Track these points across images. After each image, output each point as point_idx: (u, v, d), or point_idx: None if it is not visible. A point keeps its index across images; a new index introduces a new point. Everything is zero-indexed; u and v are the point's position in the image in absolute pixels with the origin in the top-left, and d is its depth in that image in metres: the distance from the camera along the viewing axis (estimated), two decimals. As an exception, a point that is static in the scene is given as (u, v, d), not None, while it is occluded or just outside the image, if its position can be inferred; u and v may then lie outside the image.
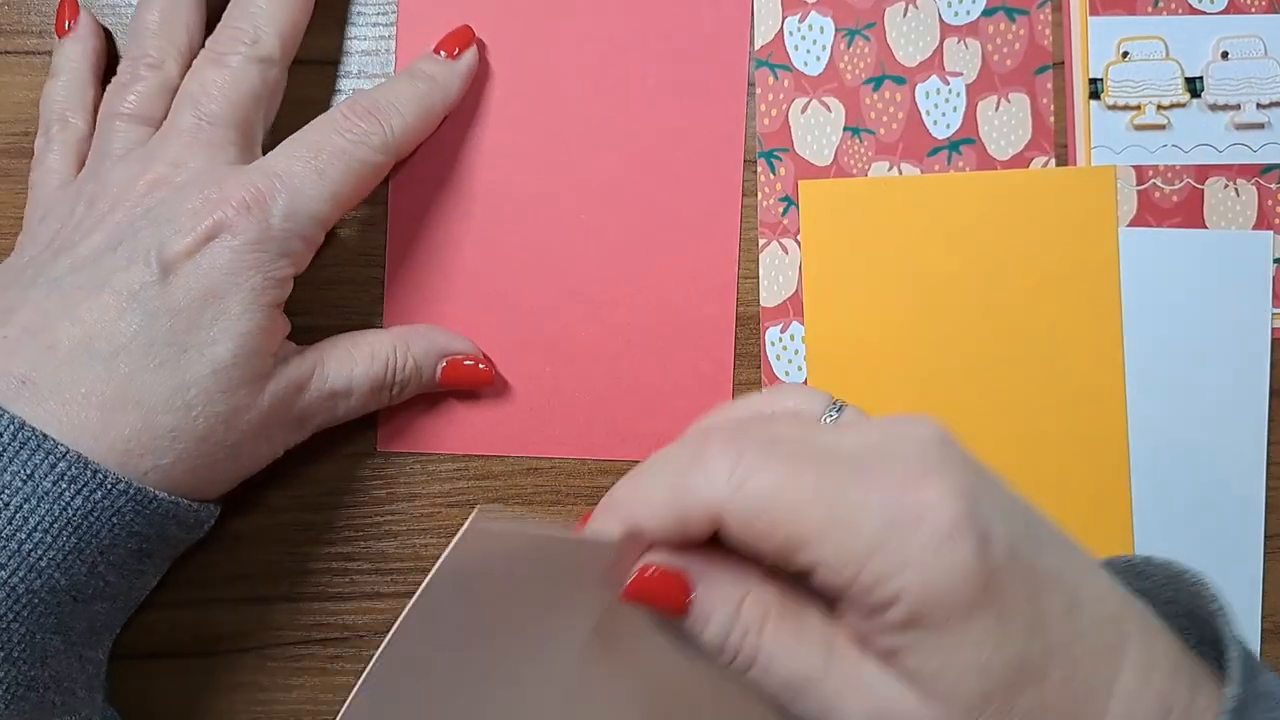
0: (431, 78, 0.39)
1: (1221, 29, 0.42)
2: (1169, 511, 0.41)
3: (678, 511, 0.27)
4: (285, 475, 0.42)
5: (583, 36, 0.42)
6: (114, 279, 0.33)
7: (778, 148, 0.42)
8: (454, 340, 0.41)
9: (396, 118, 0.37)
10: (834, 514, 0.26)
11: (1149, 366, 0.41)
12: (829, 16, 0.42)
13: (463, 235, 0.42)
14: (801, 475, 0.26)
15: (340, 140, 0.36)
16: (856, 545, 0.26)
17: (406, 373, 0.39)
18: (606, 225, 0.42)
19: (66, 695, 0.33)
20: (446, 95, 0.40)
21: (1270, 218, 0.42)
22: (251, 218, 0.33)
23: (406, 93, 0.38)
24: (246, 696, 0.42)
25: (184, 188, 0.34)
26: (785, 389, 0.36)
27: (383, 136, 0.37)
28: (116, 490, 0.31)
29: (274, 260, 0.34)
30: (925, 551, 0.26)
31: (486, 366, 0.41)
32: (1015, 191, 0.42)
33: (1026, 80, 0.42)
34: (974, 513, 0.26)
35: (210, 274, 0.33)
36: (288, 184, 0.35)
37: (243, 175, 0.34)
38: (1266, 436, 0.41)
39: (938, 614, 0.26)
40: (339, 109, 0.37)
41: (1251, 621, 0.41)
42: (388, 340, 0.39)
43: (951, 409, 0.41)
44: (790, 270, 0.42)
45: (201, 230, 0.33)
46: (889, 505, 0.26)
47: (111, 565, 0.32)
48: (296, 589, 0.42)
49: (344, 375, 0.37)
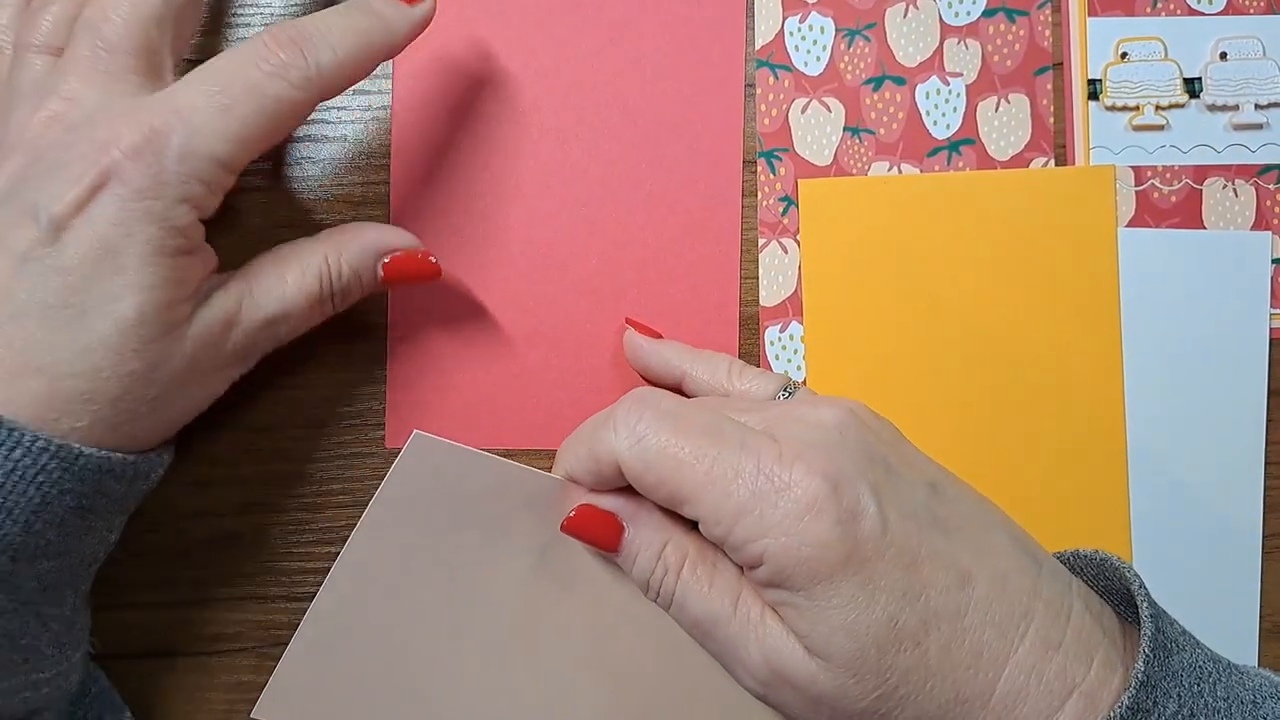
0: (378, 15, 0.35)
1: (1220, 30, 0.42)
2: (1167, 511, 0.41)
3: (593, 461, 0.33)
4: (285, 475, 0.42)
5: (581, 36, 0.42)
6: (5, 239, 0.31)
7: (778, 147, 0.42)
8: (388, 234, 0.38)
9: (326, 51, 0.33)
10: (710, 477, 0.31)
11: (1147, 366, 0.41)
12: (829, 17, 0.42)
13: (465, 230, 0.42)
14: (688, 440, 0.32)
15: (255, 72, 0.32)
16: (727, 506, 0.31)
17: (344, 280, 0.36)
18: (609, 223, 0.42)
19: (30, 653, 0.32)
20: (390, 38, 0.35)
21: (1268, 218, 0.42)
22: (142, 163, 0.31)
23: (342, 25, 0.34)
24: (246, 696, 0.42)
25: (76, 128, 0.32)
26: (748, 371, 0.39)
27: (304, 71, 0.33)
28: (37, 448, 0.30)
29: (171, 207, 0.31)
30: (787, 520, 0.30)
31: (431, 259, 0.38)
32: (1014, 191, 0.42)
33: (1026, 81, 0.42)
34: (836, 492, 0.30)
35: (101, 228, 0.31)
36: (186, 121, 0.31)
37: (139, 112, 0.32)
38: (1265, 436, 0.41)
39: (800, 577, 0.30)
40: (260, 36, 0.33)
41: (1250, 621, 0.41)
42: (317, 250, 0.36)
43: (950, 407, 0.41)
44: (790, 270, 0.42)
45: (89, 180, 0.31)
46: (759, 477, 0.31)
47: (50, 524, 0.31)
48: (296, 589, 0.42)
49: (275, 298, 0.35)
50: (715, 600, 0.33)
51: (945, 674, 0.30)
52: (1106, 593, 0.33)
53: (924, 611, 0.30)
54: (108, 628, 0.41)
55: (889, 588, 0.30)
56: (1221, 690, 0.30)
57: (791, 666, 0.31)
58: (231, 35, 0.42)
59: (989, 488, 0.41)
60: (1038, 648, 0.30)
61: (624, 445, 0.32)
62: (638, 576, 0.34)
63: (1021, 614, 0.30)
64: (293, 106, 0.33)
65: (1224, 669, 0.30)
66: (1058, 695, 0.30)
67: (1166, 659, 0.29)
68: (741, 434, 0.32)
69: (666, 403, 0.33)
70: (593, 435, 0.33)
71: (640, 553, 0.34)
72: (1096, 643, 0.31)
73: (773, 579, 0.31)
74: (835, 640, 0.30)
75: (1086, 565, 0.34)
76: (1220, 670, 0.30)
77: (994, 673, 0.30)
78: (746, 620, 0.32)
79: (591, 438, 0.33)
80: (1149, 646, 0.29)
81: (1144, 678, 0.29)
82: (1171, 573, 0.41)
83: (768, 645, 0.32)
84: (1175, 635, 0.30)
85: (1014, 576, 0.31)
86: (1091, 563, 0.33)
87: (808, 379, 0.42)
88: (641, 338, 0.40)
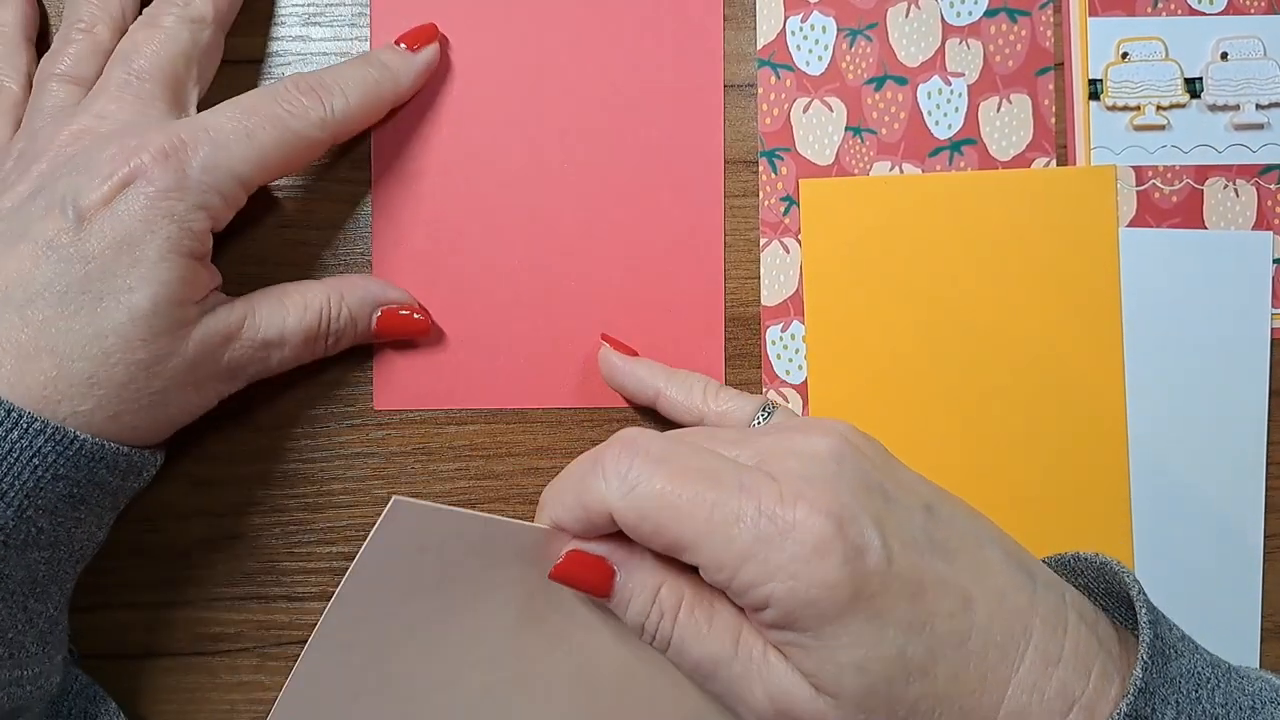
0: (385, 66, 0.39)
1: (1221, 30, 0.42)
2: (1168, 511, 0.41)
3: (582, 510, 0.32)
4: (285, 474, 0.42)
5: (559, 41, 0.42)
6: (31, 228, 0.33)
7: (779, 147, 0.42)
8: (388, 290, 0.40)
9: (339, 98, 0.37)
10: (711, 523, 0.30)
11: (1148, 366, 0.41)
12: (831, 16, 0.42)
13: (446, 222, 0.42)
14: (684, 485, 0.31)
15: (278, 109, 0.36)
16: (730, 553, 0.30)
17: (341, 323, 0.39)
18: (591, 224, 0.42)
19: (13, 648, 0.33)
20: (398, 86, 0.39)
21: (1270, 218, 0.42)
22: (169, 165, 0.33)
23: (355, 76, 0.38)
24: (246, 696, 0.42)
25: (107, 137, 0.34)
26: (724, 392, 0.39)
27: (322, 114, 0.36)
28: (33, 430, 0.31)
29: (190, 211, 0.34)
30: (794, 563, 0.29)
31: (422, 316, 0.41)
32: (1015, 191, 0.42)
33: (1028, 81, 0.42)
34: (841, 530, 0.30)
35: (125, 220, 0.33)
36: (213, 138, 0.34)
37: (169, 126, 0.34)
38: (1266, 436, 0.41)
39: (808, 619, 0.30)
40: (283, 82, 0.37)
41: (1251, 621, 0.41)
42: (321, 290, 0.38)
43: (951, 407, 0.41)
44: (791, 269, 0.42)
45: (118, 177, 0.33)
46: (761, 519, 0.30)
47: (42, 510, 0.32)
48: (296, 589, 0.42)
49: (276, 325, 0.37)
50: (715, 642, 0.32)
51: (953, 700, 0.30)
52: (1105, 596, 0.33)
53: (931, 640, 0.30)
54: (108, 628, 0.41)
55: (897, 620, 0.30)
56: (1220, 696, 0.29)
57: (799, 705, 0.31)
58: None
59: (991, 488, 0.41)
60: (1038, 665, 0.30)
61: (616, 494, 0.31)
62: (632, 621, 0.33)
63: (1021, 632, 0.30)
64: (309, 144, 0.36)
65: (1223, 674, 0.30)
66: (1058, 712, 0.29)
67: (1164, 665, 0.29)
68: (739, 474, 0.31)
69: (656, 445, 0.32)
70: (580, 484, 0.32)
71: (634, 597, 0.33)
72: (1093, 654, 0.30)
73: (779, 621, 0.30)
74: (845, 678, 0.30)
75: (1085, 569, 0.34)
76: (1219, 675, 0.30)
77: (998, 694, 0.30)
78: (749, 660, 0.31)
79: (579, 486, 0.32)
80: (1147, 653, 0.29)
81: (1142, 684, 0.29)
82: (1173, 573, 0.41)
83: (772, 685, 0.31)
84: (1174, 641, 0.30)
85: (1011, 594, 0.31)
86: (1090, 566, 0.33)
87: (809, 379, 0.42)
88: (617, 356, 0.41)
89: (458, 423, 0.42)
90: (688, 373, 0.40)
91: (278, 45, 0.43)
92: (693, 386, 0.39)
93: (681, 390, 0.39)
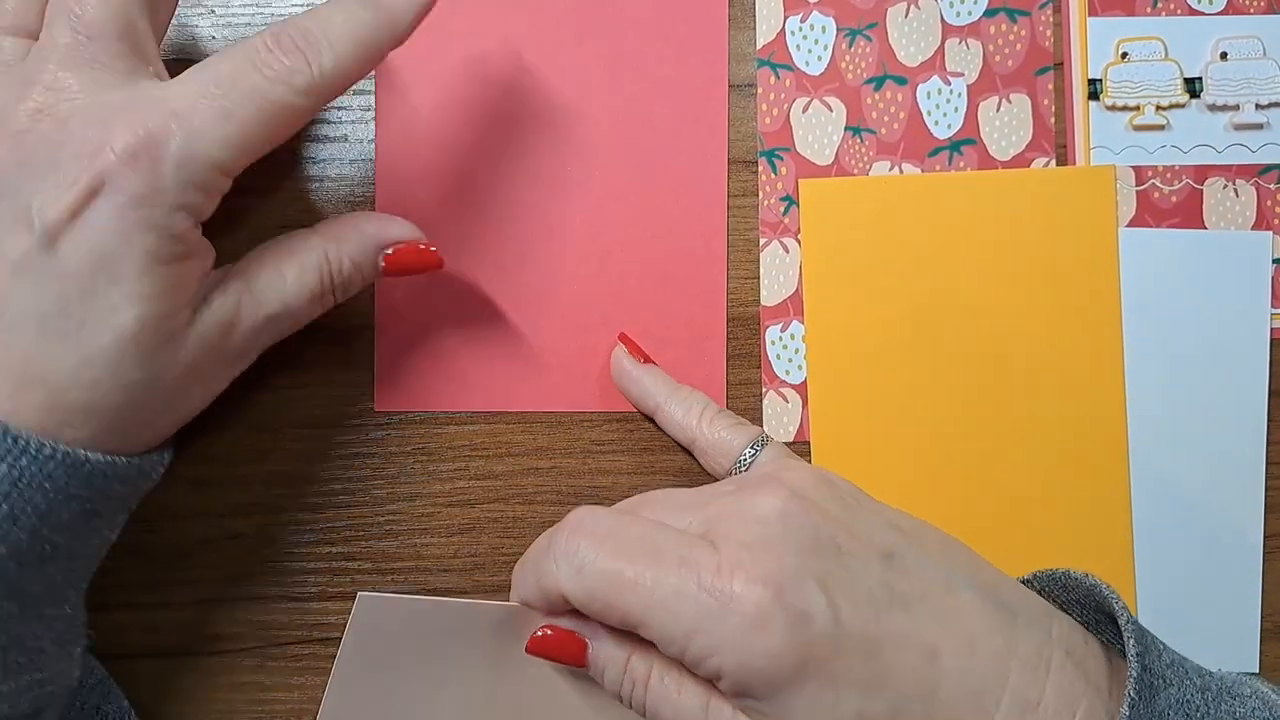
0: (379, 5, 0.33)
1: (1220, 30, 0.42)
2: (1168, 511, 0.41)
3: (540, 592, 0.33)
4: (285, 475, 0.42)
5: (566, 40, 0.42)
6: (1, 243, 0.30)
7: (779, 147, 0.42)
8: (389, 225, 0.37)
9: (328, 54, 0.32)
10: (654, 600, 0.30)
11: (1148, 366, 0.41)
12: (830, 16, 0.42)
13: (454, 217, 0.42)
14: (628, 562, 0.31)
15: (256, 76, 0.31)
16: (677, 628, 0.30)
17: (345, 274, 0.36)
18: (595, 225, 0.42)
19: (33, 655, 0.32)
20: (395, 30, 0.33)
21: (1269, 218, 0.42)
22: (139, 168, 0.30)
23: (344, 23, 0.32)
24: (246, 696, 0.42)
25: (66, 123, 0.30)
26: (720, 419, 0.39)
27: (308, 76, 0.32)
28: (43, 455, 0.30)
29: (168, 214, 0.30)
30: (737, 635, 0.29)
31: (432, 248, 0.38)
32: (1014, 191, 0.42)
33: (1028, 81, 0.42)
34: (780, 597, 0.29)
35: (97, 235, 0.30)
36: (185, 125, 0.30)
37: (133, 110, 0.30)
38: (1266, 436, 0.41)
39: (760, 688, 0.29)
40: (260, 37, 0.32)
41: (1251, 621, 0.41)
42: (316, 244, 0.35)
43: (950, 407, 0.41)
44: (790, 269, 0.42)
45: (83, 185, 0.29)
46: (700, 594, 0.30)
47: (56, 529, 0.31)
48: (296, 589, 0.42)
49: (275, 296, 0.34)
50: (686, 707, 0.32)
51: None
52: (1096, 613, 0.33)
53: (893, 697, 0.29)
54: (108, 628, 0.40)
55: (852, 682, 0.29)
56: None
57: None
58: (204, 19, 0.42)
59: (989, 488, 0.41)
60: (1015, 711, 0.29)
61: (565, 576, 0.31)
62: (609, 689, 0.34)
63: (995, 678, 0.29)
64: (294, 112, 0.32)
65: (1213, 698, 0.30)
66: None
67: (1152, 699, 0.29)
68: (680, 547, 0.31)
69: (604, 524, 0.32)
70: (537, 567, 0.33)
71: (607, 668, 0.33)
72: (1079, 694, 0.30)
73: (734, 690, 0.30)
74: None
75: (1074, 589, 0.33)
76: (1210, 700, 0.29)
77: None
78: None
79: (536, 570, 0.33)
80: (1134, 689, 0.28)
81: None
82: (1172, 573, 0.41)
83: None
84: (1162, 670, 0.30)
85: (984, 639, 0.30)
86: (1080, 588, 0.32)
87: (808, 379, 0.42)
88: (629, 360, 0.41)
89: (457, 423, 0.42)
90: (690, 391, 0.40)
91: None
92: (691, 406, 0.39)
93: (681, 408, 0.39)
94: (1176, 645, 0.32)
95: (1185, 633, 0.40)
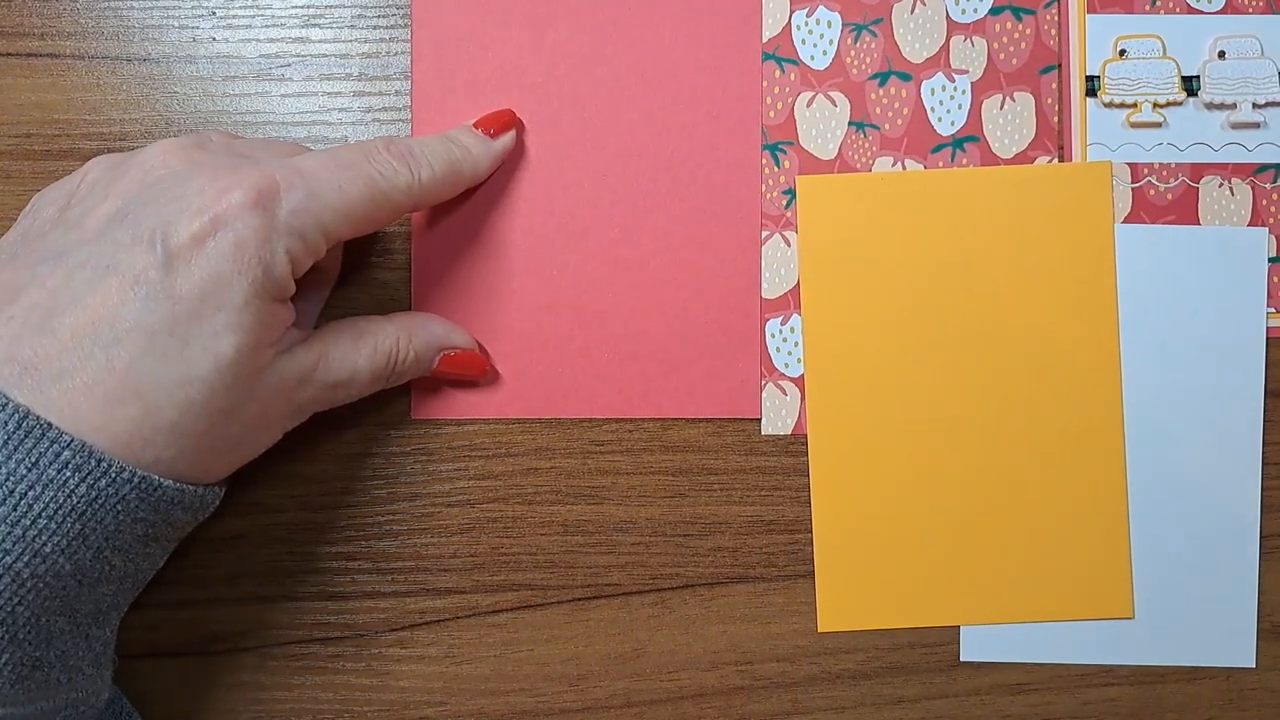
0: (466, 148, 0.40)
1: (1219, 28, 0.42)
2: (1165, 510, 0.42)
3: None
4: (285, 475, 0.41)
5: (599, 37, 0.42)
6: (119, 260, 0.32)
7: (782, 141, 0.42)
8: (453, 333, 0.41)
9: (426, 169, 0.37)
10: None
11: (1144, 361, 0.42)
12: (836, 11, 0.42)
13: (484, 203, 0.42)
14: None
15: (369, 167, 0.36)
16: None
17: (406, 364, 0.39)
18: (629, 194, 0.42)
19: (73, 673, 0.33)
20: (476, 169, 0.40)
21: (1265, 217, 0.42)
22: (261, 208, 0.33)
23: (441, 151, 0.38)
24: (246, 696, 0.41)
25: (197, 164, 0.34)
26: None
27: (409, 180, 0.37)
28: (121, 479, 0.31)
29: (276, 255, 0.33)
30: None
31: (482, 357, 0.41)
32: (1010, 186, 0.42)
33: (1031, 79, 0.42)
34: None
35: (215, 262, 0.32)
36: (306, 184, 0.34)
37: (264, 165, 0.34)
38: (1262, 436, 0.42)
39: None
40: (375, 142, 0.37)
41: (1249, 621, 0.42)
42: (392, 331, 0.39)
43: (947, 402, 0.42)
44: (792, 263, 0.42)
45: (209, 215, 0.32)
46: None
47: (117, 550, 0.32)
48: (297, 588, 0.41)
49: (347, 368, 0.37)
50: None
51: None
52: None
53: None
54: (105, 631, 0.40)
55: None
56: None
57: None
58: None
59: (985, 486, 0.42)
60: None
61: None
62: None
63: None
64: (394, 207, 0.36)
65: None
66: None
67: None
68: None
69: None
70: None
71: None
72: None
73: None
74: None
75: None
76: None
77: None
78: None
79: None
80: None
81: None
82: (1170, 572, 0.42)
83: None
84: None
85: None
86: None
87: (806, 372, 0.42)
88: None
89: (457, 423, 0.42)
90: None
91: (277, 46, 0.42)
92: None
93: None
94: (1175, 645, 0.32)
95: (1183, 633, 0.41)
